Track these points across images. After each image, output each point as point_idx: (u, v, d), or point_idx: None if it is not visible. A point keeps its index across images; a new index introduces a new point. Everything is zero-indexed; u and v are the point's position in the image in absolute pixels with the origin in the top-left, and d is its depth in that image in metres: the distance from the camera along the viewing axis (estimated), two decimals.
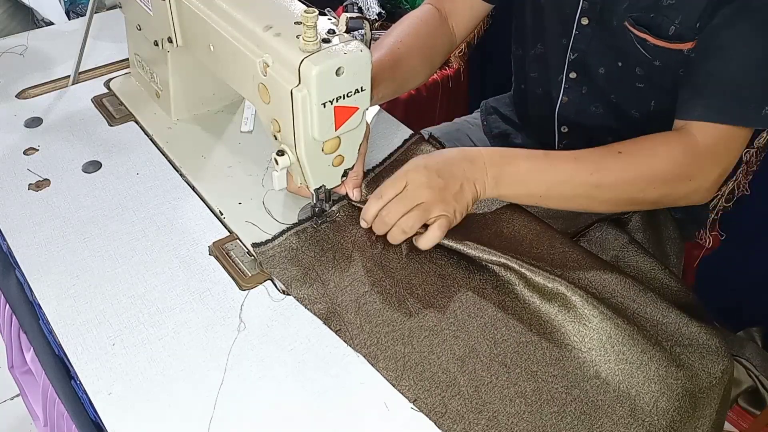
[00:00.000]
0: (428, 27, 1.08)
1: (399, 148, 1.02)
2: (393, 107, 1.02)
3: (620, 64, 0.98)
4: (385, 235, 0.85)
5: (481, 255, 0.82)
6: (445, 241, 0.83)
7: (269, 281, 0.82)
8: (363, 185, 0.91)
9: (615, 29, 0.95)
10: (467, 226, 0.87)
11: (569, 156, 0.87)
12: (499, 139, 1.24)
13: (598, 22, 0.97)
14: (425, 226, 0.83)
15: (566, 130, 1.11)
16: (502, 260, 0.81)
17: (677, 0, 0.88)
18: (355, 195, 0.89)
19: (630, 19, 0.92)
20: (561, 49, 1.03)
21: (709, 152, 0.86)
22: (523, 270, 0.80)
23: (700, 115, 0.86)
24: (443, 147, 1.02)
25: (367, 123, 0.84)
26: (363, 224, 0.86)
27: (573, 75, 1.04)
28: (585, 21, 0.98)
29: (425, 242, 0.83)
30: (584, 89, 1.05)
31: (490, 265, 0.83)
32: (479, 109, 1.31)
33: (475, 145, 1.21)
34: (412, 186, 0.82)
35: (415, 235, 0.84)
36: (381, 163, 0.98)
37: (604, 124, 1.06)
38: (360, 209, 0.88)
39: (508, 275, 0.81)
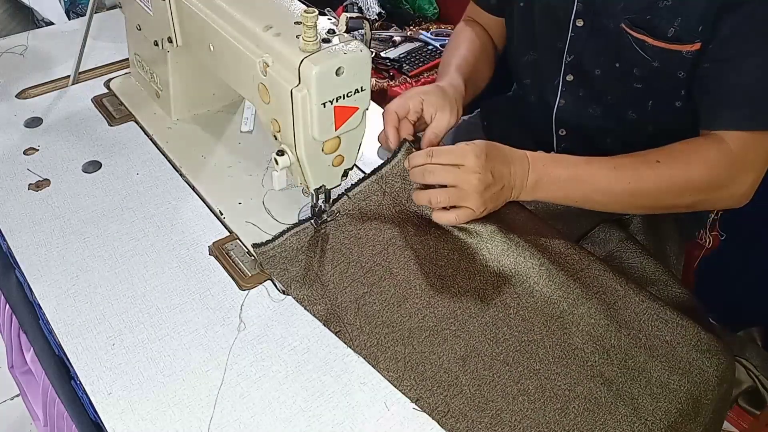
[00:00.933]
0: (481, 37, 1.15)
1: (389, 160, 0.94)
2: None
3: (617, 65, 0.97)
4: (386, 231, 0.86)
5: (494, 235, 0.85)
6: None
7: (269, 281, 0.82)
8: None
9: (611, 30, 0.95)
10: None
11: (608, 164, 0.89)
12: (499, 140, 1.24)
13: (593, 23, 0.97)
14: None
15: (564, 133, 1.11)
16: (527, 246, 0.84)
17: (673, 1, 0.88)
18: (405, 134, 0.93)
19: (627, 21, 0.92)
20: (556, 52, 1.03)
21: (742, 159, 0.87)
22: (541, 259, 0.82)
23: (728, 124, 0.87)
24: None
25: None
26: (406, 164, 0.90)
27: (570, 78, 1.04)
28: (580, 23, 0.98)
29: (439, 218, 0.87)
30: (581, 92, 1.05)
31: (492, 262, 0.83)
32: (479, 109, 1.31)
33: None
34: (466, 169, 0.84)
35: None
36: (369, 175, 0.93)
37: (602, 126, 1.06)
38: (358, 217, 0.88)
39: (515, 268, 0.82)
